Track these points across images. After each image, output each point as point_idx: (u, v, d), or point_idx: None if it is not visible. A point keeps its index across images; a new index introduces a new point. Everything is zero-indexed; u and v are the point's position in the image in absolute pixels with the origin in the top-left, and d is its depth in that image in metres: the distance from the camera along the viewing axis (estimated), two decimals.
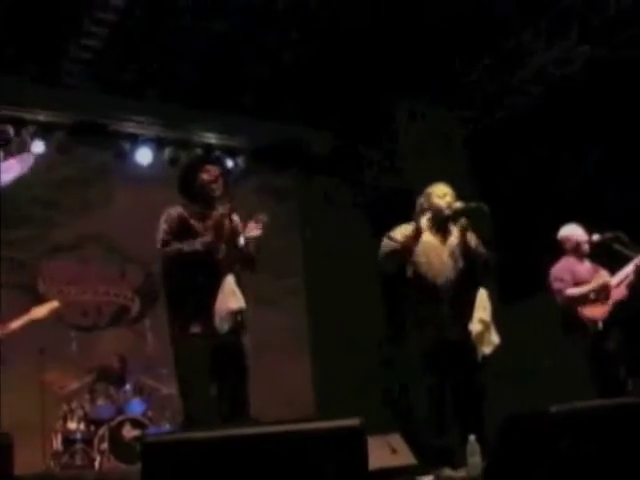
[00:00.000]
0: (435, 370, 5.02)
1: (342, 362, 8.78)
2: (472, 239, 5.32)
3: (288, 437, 2.95)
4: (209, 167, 5.00)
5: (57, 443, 7.33)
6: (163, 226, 4.77)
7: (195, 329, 4.62)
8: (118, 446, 7.25)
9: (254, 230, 4.76)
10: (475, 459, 4.37)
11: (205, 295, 4.64)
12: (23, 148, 8.57)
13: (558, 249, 6.37)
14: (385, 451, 5.18)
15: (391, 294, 5.36)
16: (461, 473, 4.52)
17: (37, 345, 7.52)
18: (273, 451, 2.89)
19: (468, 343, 5.03)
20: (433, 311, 5.10)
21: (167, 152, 9.11)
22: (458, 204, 5.31)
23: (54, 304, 6.84)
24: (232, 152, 9.40)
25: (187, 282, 4.71)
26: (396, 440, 5.36)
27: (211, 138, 9.33)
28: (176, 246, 4.67)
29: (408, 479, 4.50)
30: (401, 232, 5.29)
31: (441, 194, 5.38)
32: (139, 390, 7.82)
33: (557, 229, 6.45)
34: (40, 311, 6.71)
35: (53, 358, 7.71)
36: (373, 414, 5.27)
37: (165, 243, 4.70)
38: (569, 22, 7.98)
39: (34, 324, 6.66)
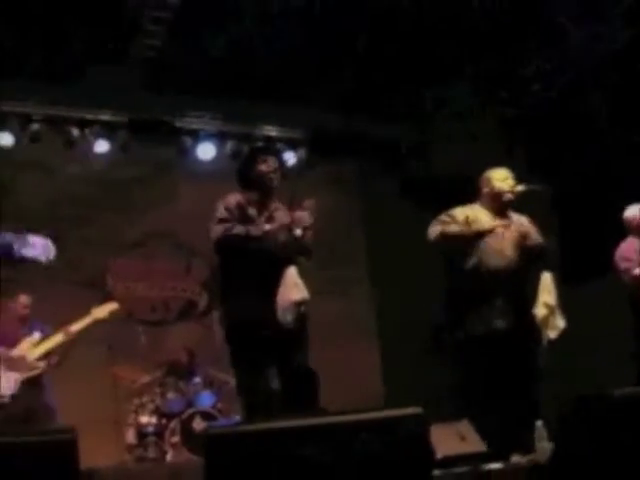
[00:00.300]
0: (488, 357, 4.96)
1: (409, 350, 8.74)
2: (530, 227, 5.25)
3: (351, 426, 2.94)
4: (267, 158, 5.04)
5: (130, 436, 7.46)
6: (221, 210, 4.79)
7: (257, 320, 4.63)
8: (189, 438, 7.35)
9: (303, 217, 4.77)
10: (543, 444, 4.34)
11: (267, 286, 4.65)
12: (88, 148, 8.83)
13: (623, 230, 6.22)
14: (454, 438, 5.13)
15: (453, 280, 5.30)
16: (529, 458, 4.47)
17: (107, 340, 7.62)
18: (337, 441, 2.88)
19: (525, 330, 4.96)
20: (488, 297, 5.04)
21: (229, 146, 9.20)
22: (521, 186, 5.25)
23: (113, 305, 6.98)
24: (293, 144, 9.42)
25: (246, 272, 4.71)
26: (465, 427, 5.30)
27: (272, 130, 9.35)
28: (236, 229, 4.69)
29: (477, 466, 4.46)
30: (454, 214, 5.25)
31: (502, 177, 5.32)
32: (208, 383, 7.90)
33: (622, 210, 6.30)
34: (101, 312, 6.86)
35: (123, 353, 7.83)
36: (442, 402, 5.28)
37: (224, 227, 4.71)
38: None
39: (98, 324, 6.85)
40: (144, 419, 7.49)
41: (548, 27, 7.95)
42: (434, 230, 5.24)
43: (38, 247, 3.76)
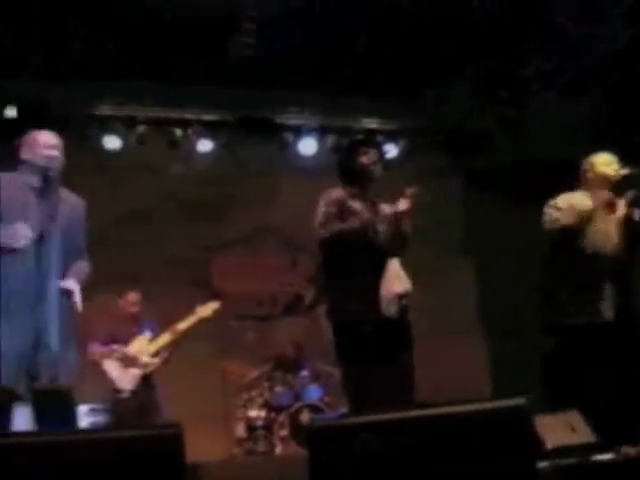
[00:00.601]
0: (594, 346, 4.81)
1: (514, 341, 8.56)
2: (637, 213, 5.06)
3: (455, 418, 2.90)
4: (368, 150, 5.04)
5: (240, 430, 7.57)
6: (322, 208, 4.81)
7: (361, 313, 4.61)
8: (297, 432, 7.40)
9: (403, 204, 4.72)
10: None
11: (369, 278, 4.62)
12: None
13: None
14: (564, 429, 5.01)
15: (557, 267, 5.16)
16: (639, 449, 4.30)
17: (215, 336, 7.84)
18: (440, 433, 2.85)
19: (631, 318, 4.78)
20: (594, 286, 4.87)
21: (330, 140, 9.22)
22: (626, 170, 5.06)
23: (216, 304, 7.15)
24: (393, 136, 9.36)
25: (349, 265, 4.70)
26: (575, 418, 5.17)
27: (372, 123, 9.32)
28: (336, 225, 4.68)
29: (587, 457, 4.32)
30: (567, 201, 5.09)
31: (606, 162, 5.14)
32: (315, 376, 7.95)
33: None
34: (204, 310, 7.07)
35: (231, 348, 8.03)
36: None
37: (324, 224, 4.72)
38: None
39: (203, 322, 7.05)
40: (253, 413, 7.59)
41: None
42: (551, 217, 5.08)
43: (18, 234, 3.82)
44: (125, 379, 6.92)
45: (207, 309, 7.08)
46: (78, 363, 4.03)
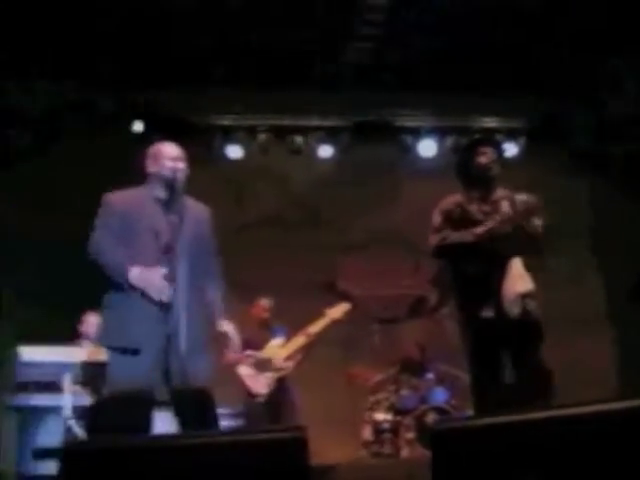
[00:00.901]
0: None
1: None
2: None
3: (583, 419, 2.83)
4: (485, 149, 5.03)
5: (367, 433, 7.60)
6: (436, 216, 4.86)
7: (486, 314, 4.61)
8: (423, 434, 7.37)
9: (521, 204, 4.69)
10: None
11: (492, 279, 4.60)
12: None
13: None
14: None
15: None
16: None
17: (341, 340, 7.94)
18: (566, 434, 2.78)
19: None
20: None
21: (449, 141, 9.18)
22: None
23: (346, 306, 7.33)
24: (513, 133, 9.22)
25: (468, 268, 4.71)
26: None
27: (490, 122, 9.23)
28: (449, 236, 4.70)
29: None
30: None
31: None
32: (441, 379, 7.90)
33: None
34: (335, 313, 7.25)
35: (357, 352, 8.09)
36: None
37: (435, 233, 4.76)
38: None
39: (334, 324, 7.20)
40: (380, 416, 7.61)
41: None
42: None
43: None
44: (260, 383, 7.14)
45: (337, 311, 7.24)
46: (212, 368, 4.12)
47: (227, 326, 4.21)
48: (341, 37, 8.17)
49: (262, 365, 7.13)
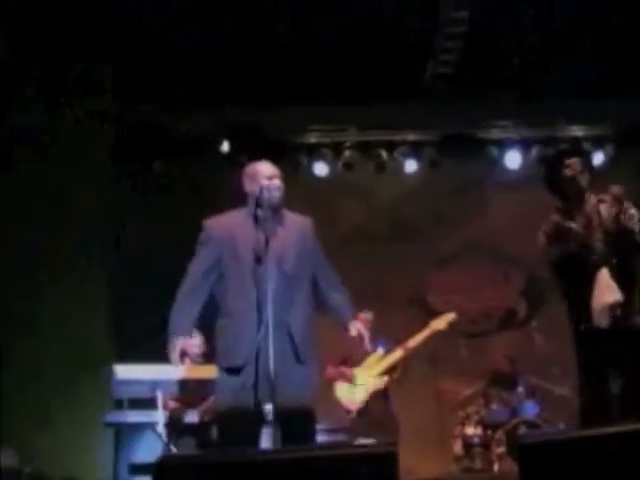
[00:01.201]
0: None
1: None
2: None
3: None
4: (570, 161, 5.02)
5: (457, 448, 7.59)
6: (540, 237, 4.88)
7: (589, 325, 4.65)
8: (515, 449, 7.28)
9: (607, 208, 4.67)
10: None
11: (583, 292, 4.68)
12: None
13: None
14: None
15: None
16: None
17: (429, 355, 7.89)
18: None
19: None
20: None
21: (535, 151, 9.08)
22: None
23: (451, 316, 7.32)
24: (600, 141, 9.06)
25: (571, 279, 4.78)
26: None
27: (577, 130, 9.12)
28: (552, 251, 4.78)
29: None
30: None
31: None
32: (531, 392, 7.80)
33: None
34: (439, 324, 7.24)
35: (446, 366, 8.11)
36: None
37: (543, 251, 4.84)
38: None
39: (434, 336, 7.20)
40: (470, 430, 7.58)
41: None
42: None
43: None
44: (353, 399, 7.22)
45: (441, 322, 7.24)
46: (313, 381, 4.17)
47: (357, 326, 4.33)
48: (424, 51, 8.22)
49: (357, 380, 7.20)
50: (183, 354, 4.06)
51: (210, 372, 4.89)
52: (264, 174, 4.22)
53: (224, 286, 4.17)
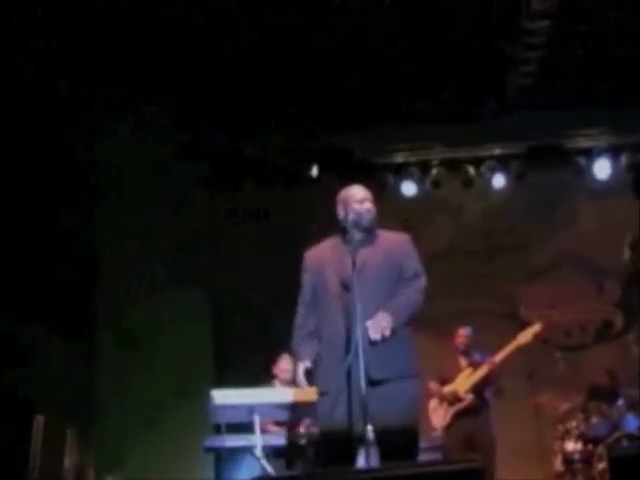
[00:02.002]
0: None
1: None
2: None
3: None
4: None
5: (557, 464, 7.54)
6: (625, 247, 4.88)
7: None
8: None
9: None
10: None
11: None
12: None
13: None
14: None
15: None
16: None
17: (526, 370, 7.91)
18: None
19: None
20: None
21: (624, 159, 8.96)
22: None
23: (537, 327, 7.28)
24: None
25: None
26: None
27: None
28: None
29: None
30: None
31: None
32: (632, 405, 7.66)
33: None
34: (525, 336, 7.21)
35: (542, 381, 8.02)
36: None
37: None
38: None
39: (521, 350, 7.18)
40: (570, 446, 7.50)
41: None
42: None
43: None
44: (439, 416, 7.29)
45: (527, 334, 7.22)
46: (415, 398, 4.20)
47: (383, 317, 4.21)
48: (504, 64, 8.20)
49: (444, 398, 7.26)
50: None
51: (309, 395, 4.97)
52: (355, 198, 4.29)
53: (318, 313, 4.32)
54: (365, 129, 8.93)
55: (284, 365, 6.98)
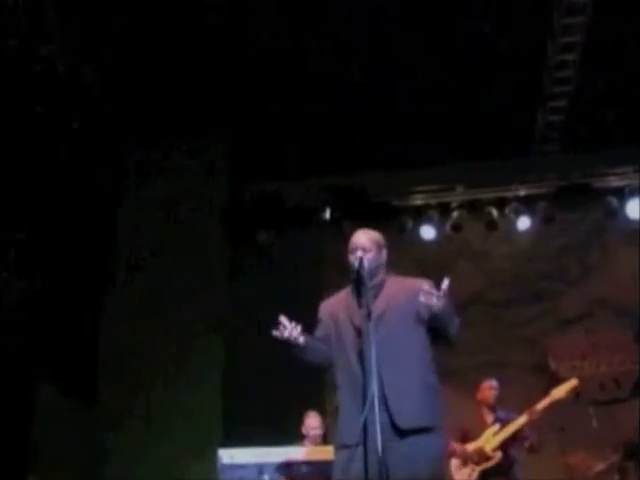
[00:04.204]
0: None
1: None
2: None
3: None
4: None
5: None
6: None
7: None
8: None
9: None
10: None
11: None
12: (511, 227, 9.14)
13: None
14: None
15: None
16: None
17: (556, 426, 7.73)
18: None
19: None
20: None
21: None
22: None
23: (573, 383, 7.12)
24: None
25: None
26: None
27: None
28: None
29: None
30: None
31: None
32: None
33: None
34: (560, 392, 7.06)
35: (574, 438, 7.89)
36: None
37: None
38: None
39: (555, 406, 7.02)
40: None
41: None
42: None
43: None
44: (465, 476, 7.11)
45: (562, 390, 7.08)
46: (436, 456, 4.09)
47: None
48: (532, 100, 8.33)
49: (469, 457, 7.10)
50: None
51: (322, 454, 5.08)
52: (353, 245, 4.33)
53: (334, 366, 4.33)
54: (382, 169, 8.94)
55: (312, 422, 6.92)
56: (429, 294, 3.95)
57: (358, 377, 4.09)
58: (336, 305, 4.41)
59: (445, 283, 3.93)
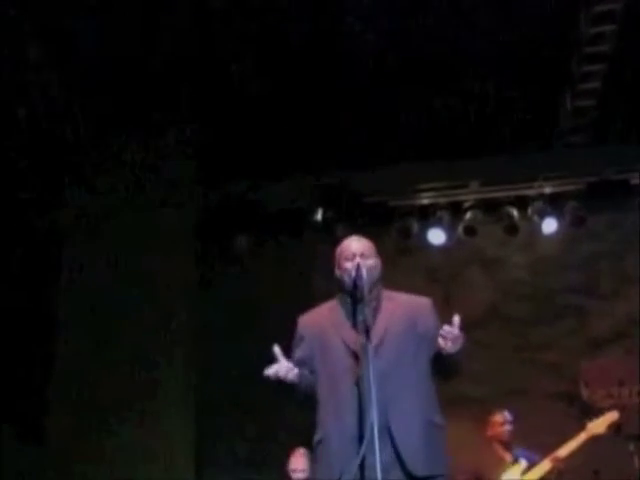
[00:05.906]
0: None
1: None
2: None
3: None
4: None
5: None
6: None
7: None
8: None
9: None
10: None
11: None
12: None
13: None
14: None
15: None
16: None
17: (591, 465, 7.22)
18: None
19: None
20: None
21: None
22: None
23: (613, 416, 6.75)
24: None
25: None
26: None
27: None
28: None
29: None
30: None
31: None
32: None
33: None
34: (598, 427, 6.68)
35: (611, 477, 7.31)
36: None
37: None
38: None
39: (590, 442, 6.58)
40: None
41: None
42: None
43: None
44: None
45: (601, 424, 6.67)
46: None
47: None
48: (557, 82, 8.00)
49: None
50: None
51: None
52: (344, 254, 4.09)
53: (317, 394, 4.04)
54: (381, 165, 8.53)
55: (298, 464, 6.57)
56: (450, 340, 3.73)
57: (352, 409, 3.86)
58: (319, 321, 4.14)
59: (456, 321, 3.72)
